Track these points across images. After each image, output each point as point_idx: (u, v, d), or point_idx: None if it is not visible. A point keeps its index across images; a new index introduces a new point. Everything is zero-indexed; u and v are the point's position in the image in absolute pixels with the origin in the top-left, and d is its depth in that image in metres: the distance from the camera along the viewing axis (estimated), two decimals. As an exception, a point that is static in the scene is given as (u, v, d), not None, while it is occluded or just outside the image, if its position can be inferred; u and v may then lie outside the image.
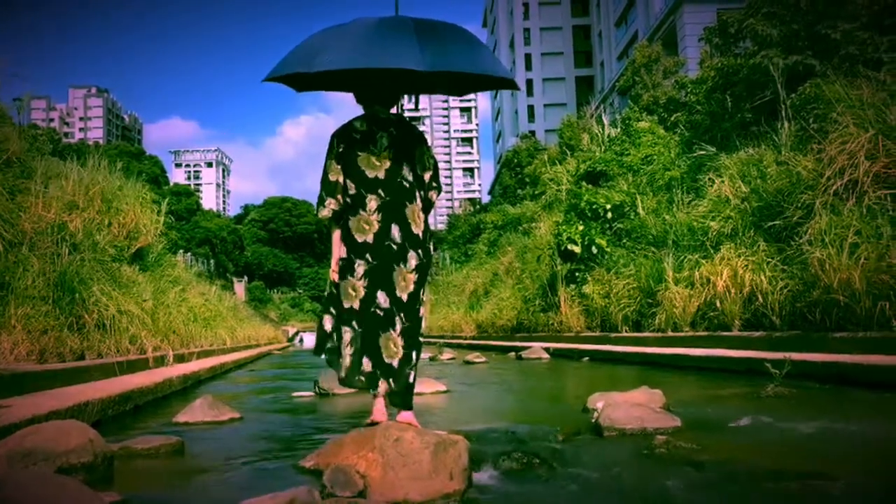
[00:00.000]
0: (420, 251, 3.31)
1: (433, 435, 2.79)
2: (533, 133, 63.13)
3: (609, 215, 14.87)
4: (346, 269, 3.26)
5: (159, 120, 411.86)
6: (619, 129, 22.50)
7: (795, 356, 5.73)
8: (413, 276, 3.28)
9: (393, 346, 3.23)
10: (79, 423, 3.14)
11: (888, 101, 8.22)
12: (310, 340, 52.01)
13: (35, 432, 2.96)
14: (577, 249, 14.63)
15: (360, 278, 3.23)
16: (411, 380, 3.29)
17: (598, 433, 3.81)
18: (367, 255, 3.23)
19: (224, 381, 9.88)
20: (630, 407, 4.03)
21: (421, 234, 3.32)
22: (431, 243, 3.46)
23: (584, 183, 17.33)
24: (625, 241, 14.06)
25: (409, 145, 3.33)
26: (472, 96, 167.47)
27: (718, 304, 8.97)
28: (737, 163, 11.14)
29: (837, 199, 7.61)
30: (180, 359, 9.96)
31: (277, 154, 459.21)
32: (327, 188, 3.30)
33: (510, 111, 79.98)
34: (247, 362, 16.24)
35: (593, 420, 4.03)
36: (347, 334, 3.28)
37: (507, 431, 3.87)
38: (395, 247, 3.24)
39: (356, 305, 3.24)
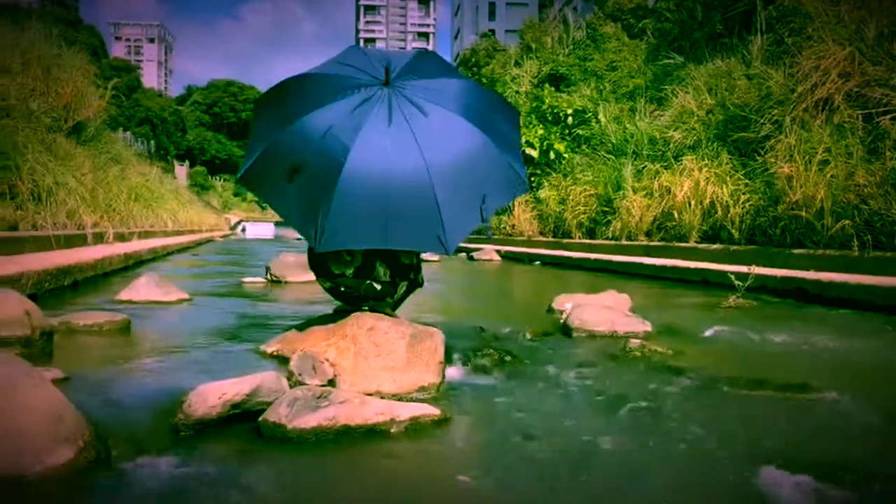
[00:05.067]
0: None
1: (409, 325, 2.60)
2: (493, 32, 61.34)
3: (570, 120, 14.62)
4: None
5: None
6: (583, 34, 21.93)
7: (755, 270, 5.72)
8: None
9: None
10: (13, 292, 2.84)
11: (867, 18, 8.04)
12: (252, 231, 51.32)
13: (-37, 300, 2.66)
14: (535, 153, 14.43)
15: None
16: None
17: (567, 333, 3.70)
18: None
19: (167, 263, 9.54)
20: (600, 309, 3.91)
21: None
22: None
23: (546, 85, 16.91)
24: (584, 147, 13.88)
25: None
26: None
27: (676, 216, 8.94)
28: (704, 74, 10.94)
29: (808, 115, 7.51)
30: (120, 238, 9.55)
31: (234, 38, 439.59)
32: None
33: (471, 7, 77.48)
34: (189, 247, 15.81)
35: (561, 320, 3.93)
36: None
37: (474, 327, 3.74)
38: None
39: None
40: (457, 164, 2.61)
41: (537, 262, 11.26)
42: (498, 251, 12.99)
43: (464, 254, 13.91)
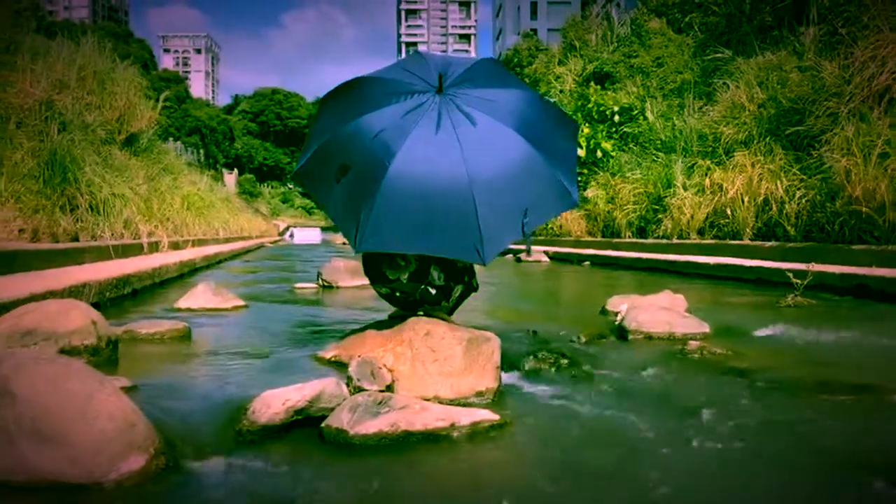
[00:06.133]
0: None
1: (465, 330, 2.59)
2: (535, 31, 61.10)
3: (616, 118, 14.46)
4: None
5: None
6: (627, 30, 21.69)
7: (813, 267, 5.57)
8: None
9: None
10: (80, 303, 2.93)
11: (927, 4, 7.79)
12: (300, 236, 51.97)
13: (34, 310, 2.74)
14: (581, 153, 14.30)
15: None
16: None
17: (623, 336, 3.64)
18: None
19: (221, 270, 9.71)
20: (657, 310, 3.85)
21: None
22: None
23: (592, 83, 16.75)
24: (631, 145, 13.72)
25: None
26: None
27: (729, 213, 8.77)
28: (754, 67, 10.71)
29: (865, 107, 7.29)
30: (175, 246, 9.76)
31: (278, 47, 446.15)
32: None
33: (512, 7, 77.32)
34: (241, 253, 16.09)
35: (616, 322, 3.87)
36: None
37: (528, 331, 3.71)
38: None
39: None
40: (499, 175, 2.59)
41: (586, 263, 11.16)
42: (546, 252, 12.91)
43: (511, 255, 13.85)
